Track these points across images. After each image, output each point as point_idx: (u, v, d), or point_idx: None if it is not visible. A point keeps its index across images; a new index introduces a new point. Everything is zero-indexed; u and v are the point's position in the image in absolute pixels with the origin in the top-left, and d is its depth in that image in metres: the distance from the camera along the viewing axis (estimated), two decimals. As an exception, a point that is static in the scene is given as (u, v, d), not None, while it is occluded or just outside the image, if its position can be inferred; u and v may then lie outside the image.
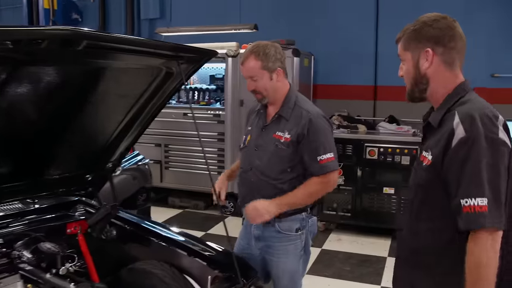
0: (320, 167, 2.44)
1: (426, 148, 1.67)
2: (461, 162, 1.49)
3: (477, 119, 1.50)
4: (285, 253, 2.53)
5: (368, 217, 5.47)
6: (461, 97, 1.64)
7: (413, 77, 1.70)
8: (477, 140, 1.48)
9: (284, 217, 2.49)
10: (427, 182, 1.63)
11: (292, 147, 2.46)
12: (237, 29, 6.07)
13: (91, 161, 2.52)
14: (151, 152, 6.39)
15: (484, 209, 1.45)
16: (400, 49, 1.73)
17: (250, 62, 2.47)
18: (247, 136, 2.64)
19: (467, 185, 1.47)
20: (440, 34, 1.64)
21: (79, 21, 8.06)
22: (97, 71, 1.87)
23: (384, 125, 5.79)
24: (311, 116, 2.46)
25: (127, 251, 2.64)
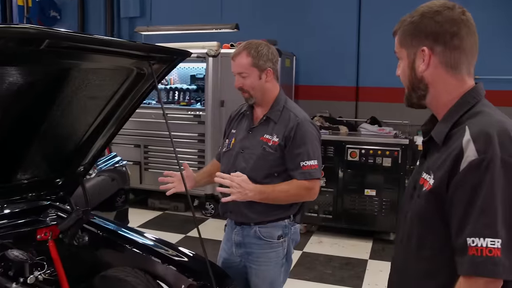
0: (302, 173, 2.36)
1: (427, 169, 1.36)
2: (470, 191, 1.19)
3: (494, 137, 1.19)
4: (266, 261, 2.45)
5: (349, 219, 5.44)
6: (472, 107, 1.33)
7: (409, 79, 1.41)
8: (492, 164, 1.17)
9: (265, 223, 2.42)
10: (428, 212, 1.32)
11: (279, 150, 2.39)
12: (218, 28, 6.01)
13: (62, 164, 2.43)
14: (130, 153, 6.29)
15: (495, 253, 1.14)
16: (396, 45, 1.44)
17: (241, 58, 2.40)
18: (231, 139, 2.55)
19: (476, 220, 1.17)
20: (441, 30, 1.32)
21: (58, 18, 7.91)
22: (64, 72, 1.79)
23: (366, 127, 5.76)
24: (299, 120, 2.39)
25: (100, 257, 2.56)
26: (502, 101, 5.77)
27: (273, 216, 2.43)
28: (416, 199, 1.39)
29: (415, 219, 1.38)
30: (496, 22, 5.77)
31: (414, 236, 1.38)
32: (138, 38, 6.95)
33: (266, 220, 2.43)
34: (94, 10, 7.75)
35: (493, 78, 5.76)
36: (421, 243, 1.36)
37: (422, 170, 1.40)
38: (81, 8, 7.74)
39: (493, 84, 5.80)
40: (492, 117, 1.28)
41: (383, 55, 6.23)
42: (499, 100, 5.73)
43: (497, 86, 5.73)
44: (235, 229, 2.51)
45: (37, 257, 2.34)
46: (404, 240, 1.44)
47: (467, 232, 1.18)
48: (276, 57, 2.47)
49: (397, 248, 1.51)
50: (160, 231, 5.55)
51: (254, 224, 2.44)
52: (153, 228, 5.69)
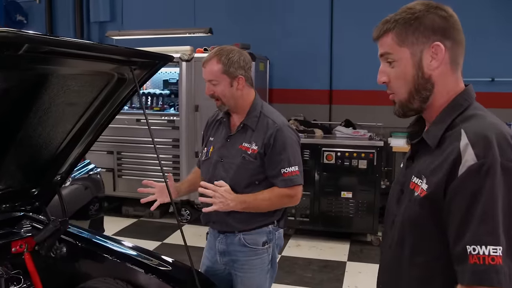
0: (283, 181, 2.32)
1: (418, 173, 1.31)
2: (469, 197, 1.14)
3: (493, 141, 1.15)
4: (251, 268, 2.42)
5: (326, 221, 5.46)
6: (464, 110, 1.29)
7: (413, 81, 1.31)
8: (493, 169, 1.13)
9: (249, 230, 2.39)
10: (422, 218, 1.27)
11: (259, 159, 2.34)
12: (191, 32, 5.95)
13: (38, 174, 2.34)
14: (103, 160, 6.17)
15: (497, 261, 1.10)
16: (388, 45, 1.32)
17: (211, 64, 2.35)
18: (210, 147, 2.51)
19: (477, 228, 1.12)
20: (447, 25, 1.28)
21: (24, 23, 7.70)
22: (42, 78, 1.71)
23: (341, 129, 5.80)
24: (278, 126, 2.34)
25: (79, 269, 2.48)
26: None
27: (257, 223, 2.40)
28: (407, 204, 1.33)
29: (407, 225, 1.33)
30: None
31: (407, 242, 1.33)
32: (109, 43, 6.83)
33: (250, 227, 2.39)
34: (62, 15, 7.57)
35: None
36: (414, 250, 1.31)
37: (412, 173, 1.35)
38: (49, 12, 7.55)
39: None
40: (486, 119, 1.25)
41: (356, 58, 6.33)
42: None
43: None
44: (219, 237, 2.47)
45: (12, 271, 2.25)
46: (393, 245, 1.39)
47: (467, 240, 1.14)
48: (248, 64, 2.41)
49: (385, 253, 1.47)
50: (136, 238, 5.45)
51: (239, 232, 2.40)
52: (129, 236, 5.58)
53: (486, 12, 5.88)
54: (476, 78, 5.93)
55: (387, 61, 1.35)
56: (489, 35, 5.90)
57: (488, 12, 5.88)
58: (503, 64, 5.91)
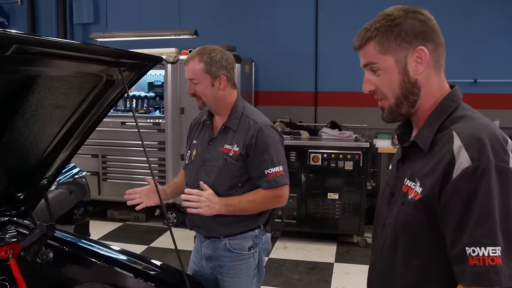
0: (267, 182, 2.28)
1: (410, 176, 1.31)
2: (465, 200, 1.15)
3: (486, 143, 1.16)
4: (238, 273, 2.39)
5: (313, 223, 5.47)
6: (453, 111, 1.30)
7: (400, 87, 1.31)
8: (487, 171, 1.14)
9: (235, 235, 2.36)
10: (417, 221, 1.27)
11: (241, 160, 2.31)
12: (176, 34, 5.91)
13: (23, 178, 2.29)
14: (87, 164, 6.09)
15: (497, 261, 1.11)
16: (371, 54, 1.32)
17: (193, 63, 2.32)
18: (193, 151, 2.48)
19: (475, 229, 1.13)
20: (427, 28, 1.29)
21: (6, 24, 7.57)
22: (29, 80, 1.68)
23: (327, 131, 5.82)
24: (259, 126, 2.31)
25: (66, 274, 2.43)
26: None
27: (242, 227, 2.37)
28: (400, 206, 1.32)
29: (400, 228, 1.32)
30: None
31: (400, 244, 1.33)
32: (93, 44, 6.77)
33: (236, 232, 2.37)
34: (45, 16, 7.45)
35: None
36: (409, 252, 1.31)
37: (404, 176, 1.34)
38: (31, 13, 7.42)
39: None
40: (477, 121, 1.25)
41: (341, 60, 6.35)
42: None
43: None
44: (205, 242, 2.45)
45: (-2, 277, 2.21)
46: (386, 247, 1.39)
47: (465, 241, 1.15)
48: (231, 64, 2.38)
49: (377, 255, 1.46)
50: (122, 242, 5.39)
51: (224, 237, 2.37)
52: (114, 240, 5.53)
53: (469, 14, 5.96)
54: (459, 80, 5.99)
55: (371, 69, 1.35)
56: (472, 36, 5.98)
57: (472, 14, 5.96)
58: (486, 65, 5.99)
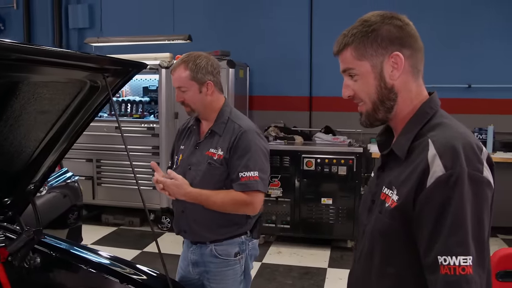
0: (239, 185, 2.27)
1: (388, 184, 1.31)
2: (438, 208, 1.15)
3: (460, 152, 1.16)
4: (224, 279, 2.40)
5: (307, 228, 5.48)
6: (430, 118, 1.30)
7: (376, 92, 1.31)
8: (461, 180, 1.13)
9: (221, 241, 2.37)
10: (393, 229, 1.26)
11: (225, 164, 2.32)
12: (170, 39, 5.93)
13: (10, 183, 2.29)
14: (82, 168, 6.10)
15: (468, 271, 1.11)
16: (348, 60, 1.34)
17: (179, 71, 2.34)
18: (179, 156, 2.49)
19: (447, 238, 1.13)
20: (403, 34, 1.29)
21: (2, 29, 7.59)
22: (11, 85, 1.68)
23: (320, 136, 5.83)
24: (243, 130, 2.33)
25: (53, 279, 2.43)
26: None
27: (228, 233, 2.37)
28: (377, 215, 1.32)
29: (377, 235, 1.32)
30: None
31: (376, 252, 1.33)
32: (89, 49, 6.77)
33: (222, 237, 2.37)
34: (41, 21, 7.46)
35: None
36: (385, 260, 1.31)
37: (382, 184, 1.34)
38: (27, 18, 7.44)
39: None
40: (453, 129, 1.25)
41: (336, 65, 6.33)
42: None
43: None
44: (191, 247, 2.45)
45: (-17, 282, 2.20)
46: (363, 255, 1.39)
47: (437, 250, 1.14)
48: (217, 68, 2.40)
49: (357, 262, 1.47)
50: (116, 247, 5.40)
51: (210, 243, 2.38)
52: (108, 245, 5.53)
53: (465, 19, 5.97)
54: (453, 85, 6.02)
55: (349, 75, 1.36)
56: (465, 41, 5.99)
57: (466, 19, 5.97)
58: (480, 70, 6.00)
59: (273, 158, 5.43)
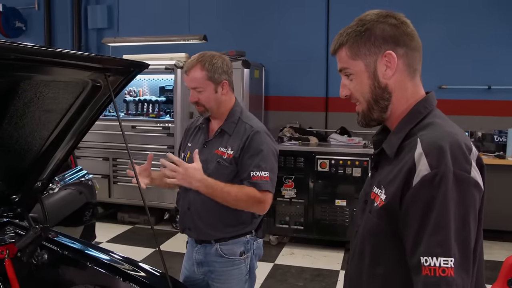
0: (251, 183, 2.26)
1: (378, 183, 1.30)
2: (422, 208, 1.13)
3: (446, 151, 1.13)
4: (229, 279, 2.39)
5: (320, 229, 5.44)
6: (424, 118, 1.28)
7: (370, 92, 1.31)
8: (445, 179, 1.11)
9: (226, 240, 2.36)
10: (381, 229, 1.25)
11: (234, 163, 2.32)
12: (185, 39, 5.96)
13: (17, 180, 2.33)
14: (98, 167, 6.18)
15: (448, 272, 1.09)
16: (343, 60, 1.33)
17: (195, 72, 2.32)
18: (186, 153, 2.49)
19: (429, 239, 1.11)
20: (398, 32, 1.27)
21: (23, 30, 7.74)
22: (13, 85, 1.71)
23: (335, 137, 5.79)
24: (255, 130, 2.33)
25: (60, 276, 2.46)
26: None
27: (233, 232, 2.37)
28: (367, 214, 1.31)
29: (366, 236, 1.31)
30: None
31: (367, 252, 1.31)
32: (106, 49, 6.86)
33: (227, 236, 2.37)
34: (61, 21, 7.60)
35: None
36: (374, 260, 1.29)
37: (374, 183, 1.33)
38: (48, 19, 7.58)
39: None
40: (443, 128, 1.23)
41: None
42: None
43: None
44: (196, 247, 2.45)
45: (-8, 277, 2.24)
46: (355, 256, 1.38)
47: (421, 251, 1.12)
48: (230, 68, 2.40)
49: (350, 263, 1.46)
50: (130, 245, 5.45)
51: (215, 242, 2.38)
52: (123, 243, 5.58)
53: (485, 20, 5.87)
54: (473, 86, 5.93)
55: (345, 74, 1.36)
56: (485, 42, 5.88)
57: (487, 20, 5.87)
58: (500, 72, 5.89)
59: (287, 158, 5.42)
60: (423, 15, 5.69)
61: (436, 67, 5.69)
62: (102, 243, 5.38)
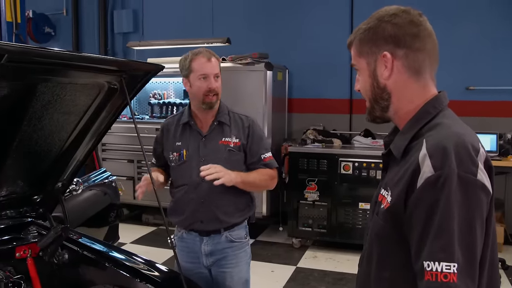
0: (265, 165, 2.52)
1: (385, 185, 1.27)
2: (426, 211, 1.09)
3: (451, 152, 1.09)
4: (239, 262, 2.56)
5: (343, 233, 5.38)
6: (432, 118, 1.23)
7: (371, 90, 1.30)
8: (449, 181, 1.07)
9: (232, 227, 2.53)
10: (386, 231, 1.22)
11: (242, 150, 2.50)
12: (209, 42, 5.99)
13: (39, 181, 2.38)
14: (123, 169, 6.27)
15: (450, 278, 1.04)
16: (353, 56, 1.34)
17: (215, 59, 2.48)
18: (181, 151, 2.53)
19: (432, 243, 1.07)
20: (400, 32, 1.24)
21: (52, 35, 7.92)
22: (31, 87, 1.75)
23: (359, 139, 5.73)
24: (251, 119, 2.56)
25: (80, 276, 2.50)
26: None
27: (241, 217, 2.56)
28: (375, 217, 1.29)
29: (374, 238, 1.28)
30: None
31: (375, 255, 1.28)
32: (131, 53, 6.96)
33: (236, 222, 2.53)
34: (88, 26, 7.76)
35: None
36: (380, 263, 1.26)
37: (381, 185, 1.31)
38: (75, 24, 7.76)
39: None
40: (450, 129, 1.18)
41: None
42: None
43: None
44: (204, 240, 2.54)
45: (15, 276, 2.29)
46: (364, 259, 1.36)
47: (424, 255, 1.08)
48: None
49: (360, 266, 1.43)
50: (153, 247, 5.50)
51: (224, 230, 2.52)
52: (146, 244, 5.64)
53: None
54: (501, 87, 5.79)
55: (357, 69, 1.37)
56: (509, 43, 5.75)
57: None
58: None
59: (310, 161, 5.38)
60: (451, 15, 5.60)
61: (463, 68, 5.58)
62: (126, 244, 5.44)
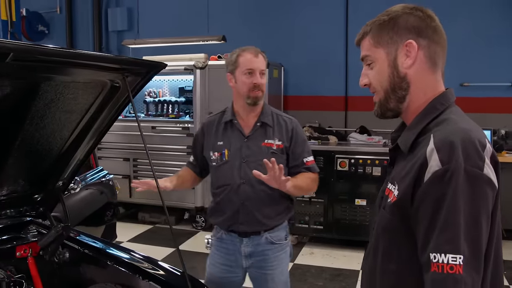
0: (308, 168, 2.52)
1: (392, 179, 1.29)
2: (433, 204, 1.11)
3: (458, 147, 1.11)
4: (280, 263, 2.54)
5: (340, 229, 5.40)
6: (440, 114, 1.26)
7: (389, 80, 1.30)
8: (456, 175, 1.09)
9: (272, 228, 2.50)
10: (393, 225, 1.25)
11: (285, 153, 2.49)
12: (205, 40, 5.99)
13: (39, 180, 2.37)
14: (119, 167, 6.25)
15: (456, 270, 1.06)
16: (366, 47, 1.34)
17: (262, 56, 2.51)
18: (223, 151, 2.51)
19: (438, 235, 1.10)
20: (423, 24, 1.27)
21: (46, 33, 7.88)
22: (34, 86, 1.75)
23: (355, 136, 5.75)
24: (295, 122, 2.57)
25: (81, 274, 2.50)
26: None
27: (281, 219, 2.54)
28: (382, 210, 1.31)
29: (380, 232, 1.30)
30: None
31: (380, 248, 1.30)
32: (126, 51, 6.93)
33: (274, 224, 2.51)
34: (82, 24, 7.73)
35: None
36: (387, 256, 1.28)
37: (388, 180, 1.33)
38: (69, 22, 7.72)
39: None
40: (457, 124, 1.20)
41: (371, 64, 6.28)
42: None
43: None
44: (244, 241, 2.51)
45: (16, 275, 2.28)
46: (371, 253, 1.37)
47: (430, 247, 1.11)
48: None
49: (365, 259, 1.46)
50: (150, 245, 5.50)
51: (264, 231, 2.50)
52: (143, 242, 5.63)
53: (507, 17, 5.77)
54: (495, 83, 5.83)
55: (367, 63, 1.36)
56: (508, 39, 5.79)
57: (509, 16, 5.77)
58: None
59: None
60: (446, 12, 5.60)
61: (457, 65, 5.61)
62: (123, 243, 5.43)
